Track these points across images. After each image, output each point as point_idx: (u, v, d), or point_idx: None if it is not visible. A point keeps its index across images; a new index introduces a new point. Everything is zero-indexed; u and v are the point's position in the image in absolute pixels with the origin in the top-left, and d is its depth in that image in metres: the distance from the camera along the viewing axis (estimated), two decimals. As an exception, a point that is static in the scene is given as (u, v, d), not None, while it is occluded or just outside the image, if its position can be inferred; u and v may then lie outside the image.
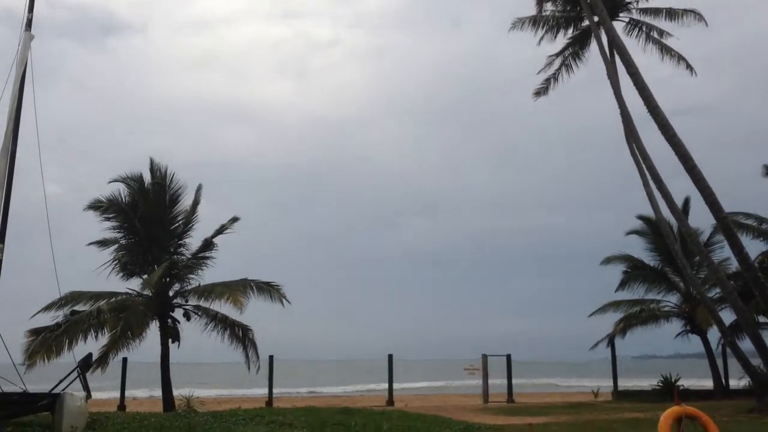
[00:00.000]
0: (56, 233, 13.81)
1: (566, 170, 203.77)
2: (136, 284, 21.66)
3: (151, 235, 21.65)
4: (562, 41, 27.54)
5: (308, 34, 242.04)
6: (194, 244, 22.50)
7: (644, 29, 26.36)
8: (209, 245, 22.21)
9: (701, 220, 26.38)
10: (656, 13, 26.08)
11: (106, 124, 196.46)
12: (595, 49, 25.39)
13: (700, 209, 21.68)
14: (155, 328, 21.19)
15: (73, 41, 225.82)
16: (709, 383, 28.25)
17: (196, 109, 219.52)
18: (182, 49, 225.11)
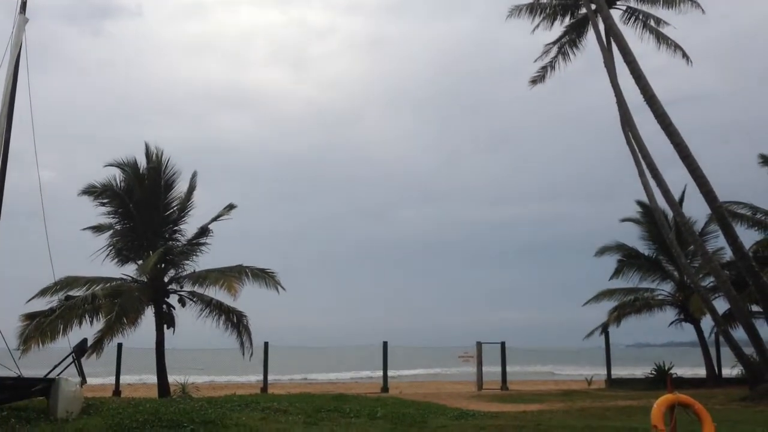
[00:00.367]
0: (51, 219, 13.78)
1: (562, 159, 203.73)
2: (131, 270, 21.73)
3: (146, 220, 21.62)
4: (559, 29, 27.52)
5: (304, 20, 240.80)
6: (190, 230, 22.53)
7: (641, 17, 26.33)
8: (205, 232, 22.19)
9: (696, 209, 26.46)
10: (653, 0, 26.02)
11: (99, 108, 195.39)
12: (592, 37, 25.40)
13: (695, 199, 21.74)
14: (150, 314, 21.24)
15: (67, 25, 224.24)
16: (702, 372, 28.41)
17: (191, 94, 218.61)
18: (179, 33, 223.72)
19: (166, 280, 21.77)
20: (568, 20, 27.28)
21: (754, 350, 20.15)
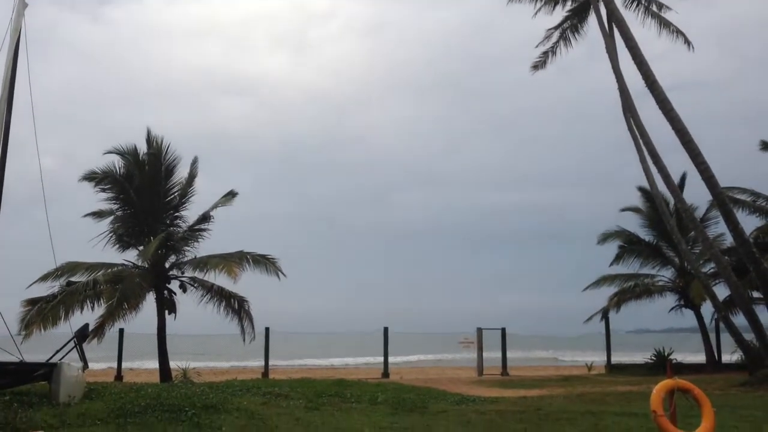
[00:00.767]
0: (52, 205, 13.77)
1: (564, 144, 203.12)
2: (132, 256, 21.76)
3: (146, 206, 21.63)
4: (560, 14, 27.37)
5: (305, 4, 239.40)
6: (191, 216, 22.55)
7: (643, 2, 26.14)
8: (206, 218, 22.21)
9: (697, 195, 26.42)
10: (656, -15, 25.86)
11: (100, 94, 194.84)
12: (593, 22, 25.25)
13: (696, 185, 21.68)
14: (151, 299, 21.29)
15: (67, 11, 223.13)
16: (701, 357, 28.46)
17: (192, 79, 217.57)
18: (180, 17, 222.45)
19: (167, 265, 21.81)
20: (570, 5, 27.14)
21: (754, 336, 20.19)
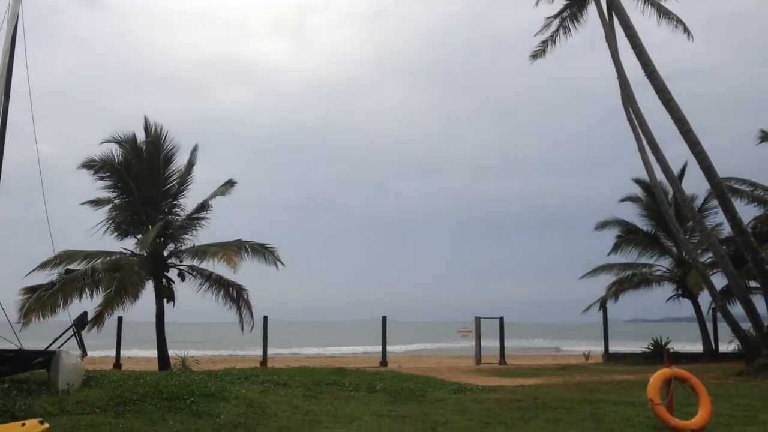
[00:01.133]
0: (50, 193, 13.74)
1: (563, 133, 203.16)
2: (130, 244, 21.74)
3: (145, 194, 21.59)
4: (560, 2, 27.19)
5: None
6: (190, 204, 22.49)
7: (643, -9, 25.98)
8: (204, 207, 22.17)
9: (695, 185, 26.44)
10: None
11: (98, 80, 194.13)
12: (593, 10, 25.09)
13: (694, 175, 21.69)
14: (150, 287, 21.29)
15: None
16: (698, 347, 28.55)
17: (191, 67, 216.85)
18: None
19: (165, 254, 21.79)
20: (569, -7, 26.96)
21: (751, 325, 20.25)
